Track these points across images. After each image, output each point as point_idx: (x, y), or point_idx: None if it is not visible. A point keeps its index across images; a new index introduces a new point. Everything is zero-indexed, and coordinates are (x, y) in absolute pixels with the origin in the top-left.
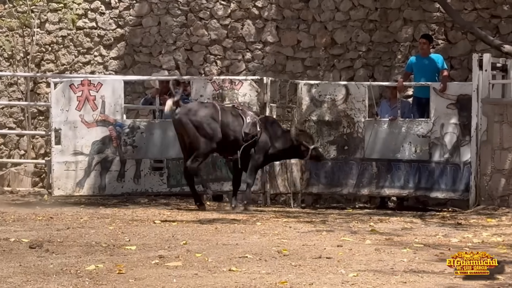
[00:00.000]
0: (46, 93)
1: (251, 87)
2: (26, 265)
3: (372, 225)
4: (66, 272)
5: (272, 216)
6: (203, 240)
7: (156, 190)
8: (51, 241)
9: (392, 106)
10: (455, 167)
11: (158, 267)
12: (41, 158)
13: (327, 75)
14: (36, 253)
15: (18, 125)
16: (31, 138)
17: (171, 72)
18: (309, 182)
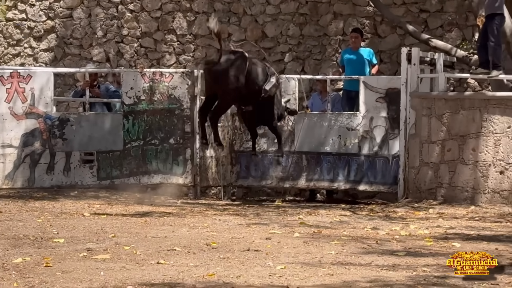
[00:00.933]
0: None
1: (182, 80)
2: None
3: (301, 218)
4: None
5: (202, 209)
6: (132, 233)
7: (86, 183)
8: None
9: (323, 99)
10: (384, 160)
11: (86, 260)
12: None
13: None
14: None
15: None
16: None
17: (101, 65)
18: (239, 175)
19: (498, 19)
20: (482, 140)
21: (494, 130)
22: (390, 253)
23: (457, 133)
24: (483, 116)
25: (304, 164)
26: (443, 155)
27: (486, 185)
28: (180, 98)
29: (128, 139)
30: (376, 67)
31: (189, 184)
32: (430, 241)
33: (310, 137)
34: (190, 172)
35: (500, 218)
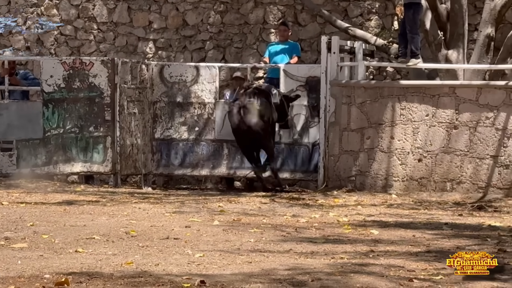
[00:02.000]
0: None
1: (102, 68)
2: None
3: (222, 206)
4: None
5: (122, 198)
6: (51, 222)
7: (5, 172)
8: None
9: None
10: (304, 148)
11: (3, 249)
12: None
13: (179, 56)
14: None
15: None
16: None
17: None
18: (160, 163)
19: (416, 8)
20: (400, 128)
21: (412, 118)
22: (309, 241)
23: (376, 121)
24: (401, 104)
25: (225, 152)
26: (362, 143)
27: (405, 172)
28: (100, 86)
29: (48, 127)
30: (295, 59)
31: (109, 172)
32: (348, 228)
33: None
34: (111, 160)
35: (417, 205)
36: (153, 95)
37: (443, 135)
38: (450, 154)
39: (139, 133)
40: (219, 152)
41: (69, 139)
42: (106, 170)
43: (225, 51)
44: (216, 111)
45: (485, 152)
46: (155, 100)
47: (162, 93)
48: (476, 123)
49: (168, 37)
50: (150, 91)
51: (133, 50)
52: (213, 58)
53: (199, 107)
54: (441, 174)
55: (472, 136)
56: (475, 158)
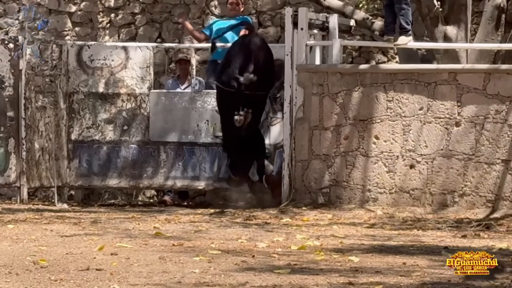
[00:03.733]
0: None
1: (3, 50)
2: None
3: (157, 226)
4: None
5: (29, 217)
6: None
7: None
8: None
9: (184, 87)
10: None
11: None
12: None
13: (102, 34)
14: None
15: None
16: None
17: None
18: (78, 172)
19: None
20: (387, 126)
21: (402, 113)
22: (271, 271)
23: (356, 116)
24: (388, 95)
25: (162, 158)
26: (338, 144)
27: (393, 182)
28: (0, 73)
29: None
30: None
31: (12, 184)
32: (321, 254)
33: (169, 123)
34: (14, 169)
35: (409, 224)
36: (69, 84)
37: (442, 135)
38: (451, 159)
39: (50, 133)
40: (154, 157)
41: None
42: (8, 181)
43: (161, 27)
44: (150, 104)
45: (494, 156)
46: (72, 90)
47: (80, 81)
48: (484, 118)
49: (87, 10)
50: (64, 79)
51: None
52: (146, 37)
53: (128, 99)
54: (439, 184)
55: (479, 135)
56: (482, 163)
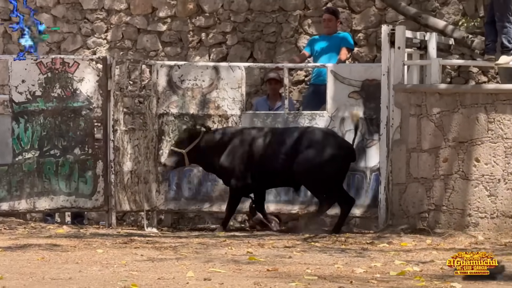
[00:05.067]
0: None
1: (91, 70)
2: None
3: (250, 251)
4: None
5: (118, 242)
6: (25, 274)
7: None
8: None
9: (274, 107)
10: (360, 175)
11: None
12: None
13: (192, 54)
14: None
15: None
16: None
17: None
18: (168, 195)
19: None
20: (488, 148)
21: (504, 134)
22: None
23: (455, 138)
24: (489, 116)
25: None
26: (437, 167)
27: (495, 206)
28: (88, 94)
29: (19, 149)
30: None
31: (100, 208)
32: (421, 280)
33: None
34: (102, 192)
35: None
36: (159, 105)
37: None
38: None
39: (139, 156)
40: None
41: (47, 164)
42: (97, 205)
43: (253, 46)
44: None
45: None
46: (162, 112)
47: (170, 102)
48: None
49: (177, 29)
50: (154, 100)
51: (132, 46)
52: (237, 56)
53: (219, 120)
54: None
55: None
56: None
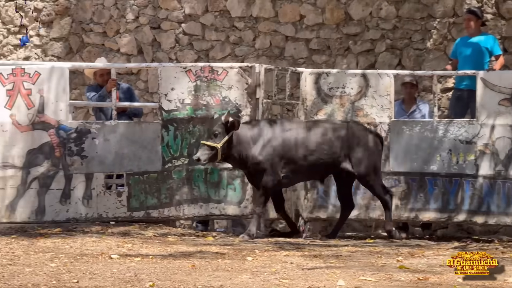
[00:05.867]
0: None
1: (239, 78)
2: None
3: (401, 260)
4: None
5: (267, 249)
6: (176, 281)
7: (113, 215)
8: None
9: (408, 111)
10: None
11: None
12: None
13: (340, 61)
14: None
15: None
16: None
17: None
18: (316, 203)
19: None
20: None
21: None
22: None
23: None
24: None
25: (403, 188)
26: None
27: None
28: (237, 101)
29: (168, 156)
30: (500, 59)
31: (249, 215)
32: None
33: (411, 153)
34: (251, 200)
35: None
36: (307, 113)
37: None
38: None
39: None
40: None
41: (196, 172)
42: (245, 212)
43: (401, 53)
44: (390, 133)
45: None
46: (310, 119)
47: (318, 110)
48: None
49: (325, 36)
50: (302, 108)
51: (279, 54)
52: (385, 64)
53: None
54: None
55: None
56: None
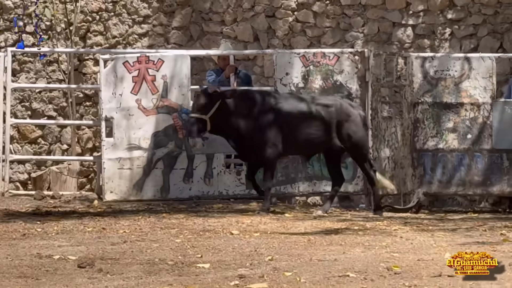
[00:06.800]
0: (93, 72)
1: (350, 62)
2: None
3: (504, 233)
4: None
5: (377, 224)
6: (293, 255)
7: (233, 193)
8: (104, 259)
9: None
10: None
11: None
12: (89, 154)
13: (444, 46)
14: (87, 273)
15: (59, 113)
16: (76, 130)
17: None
18: (423, 179)
19: None
20: None
21: None
22: None
23: None
24: None
25: (505, 165)
26: None
27: None
28: (347, 85)
29: None
30: None
31: (360, 192)
32: None
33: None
34: (362, 177)
35: None
36: (414, 94)
37: None
38: None
39: (396, 143)
40: (497, 164)
41: None
42: (357, 189)
43: (503, 37)
44: (493, 113)
45: None
46: (416, 101)
47: (424, 92)
48: None
49: (430, 22)
50: (409, 89)
51: (387, 39)
52: (487, 47)
53: (471, 109)
54: None
55: None
56: None
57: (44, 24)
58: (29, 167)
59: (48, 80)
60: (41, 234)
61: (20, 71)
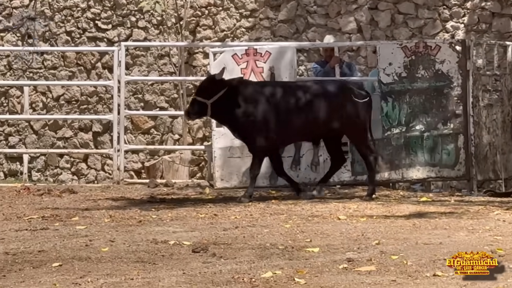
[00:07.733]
0: (203, 65)
1: (451, 52)
2: (191, 272)
3: None
4: (238, 281)
5: (480, 208)
6: (399, 239)
7: (339, 179)
8: (217, 244)
9: None
10: None
11: (348, 273)
12: (200, 143)
13: None
14: (201, 258)
15: (171, 105)
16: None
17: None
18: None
19: None
20: None
21: None
22: None
23: None
24: None
25: None
26: None
27: None
28: (449, 74)
29: (387, 125)
30: None
31: (462, 177)
32: None
33: None
34: (464, 163)
35: None
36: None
37: None
38: None
39: (497, 129)
40: None
41: (413, 138)
42: (459, 175)
43: None
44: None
45: None
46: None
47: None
48: None
49: None
50: (509, 78)
51: (487, 29)
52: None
53: None
54: None
55: None
56: None
57: (155, 19)
58: (143, 157)
59: (159, 72)
60: (156, 221)
61: (133, 65)
